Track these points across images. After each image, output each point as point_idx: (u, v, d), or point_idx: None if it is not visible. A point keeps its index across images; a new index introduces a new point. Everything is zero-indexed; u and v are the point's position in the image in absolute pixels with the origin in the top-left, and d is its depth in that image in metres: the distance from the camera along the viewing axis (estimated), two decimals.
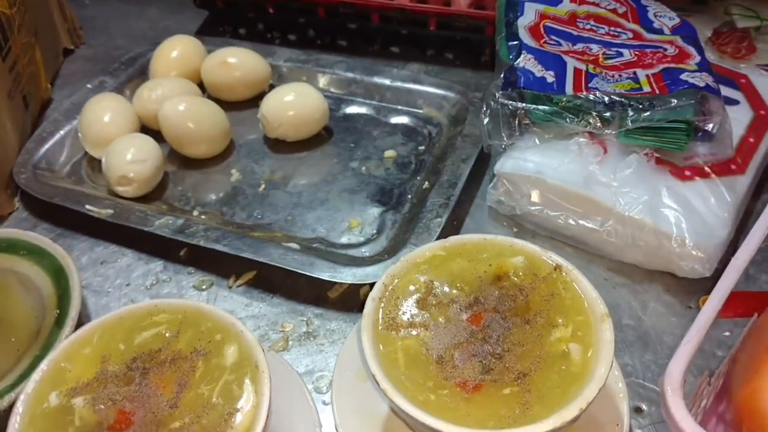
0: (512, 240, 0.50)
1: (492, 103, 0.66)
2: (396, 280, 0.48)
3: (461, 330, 0.45)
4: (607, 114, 0.62)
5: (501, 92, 0.66)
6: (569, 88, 0.65)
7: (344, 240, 0.64)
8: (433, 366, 0.43)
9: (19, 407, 0.42)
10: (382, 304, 0.47)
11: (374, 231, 0.65)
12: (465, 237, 0.50)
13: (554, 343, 0.44)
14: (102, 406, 0.42)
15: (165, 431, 0.41)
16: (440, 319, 0.45)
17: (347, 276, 0.58)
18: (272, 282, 0.62)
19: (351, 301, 0.60)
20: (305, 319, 0.59)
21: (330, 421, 0.49)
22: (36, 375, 0.44)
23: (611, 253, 0.61)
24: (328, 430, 0.50)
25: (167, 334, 0.46)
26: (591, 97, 0.63)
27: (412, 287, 0.47)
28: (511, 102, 0.65)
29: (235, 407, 0.42)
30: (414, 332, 0.45)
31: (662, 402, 0.39)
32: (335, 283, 0.60)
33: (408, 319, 0.46)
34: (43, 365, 0.44)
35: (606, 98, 0.63)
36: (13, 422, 0.42)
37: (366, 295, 0.58)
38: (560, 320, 0.45)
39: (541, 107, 0.64)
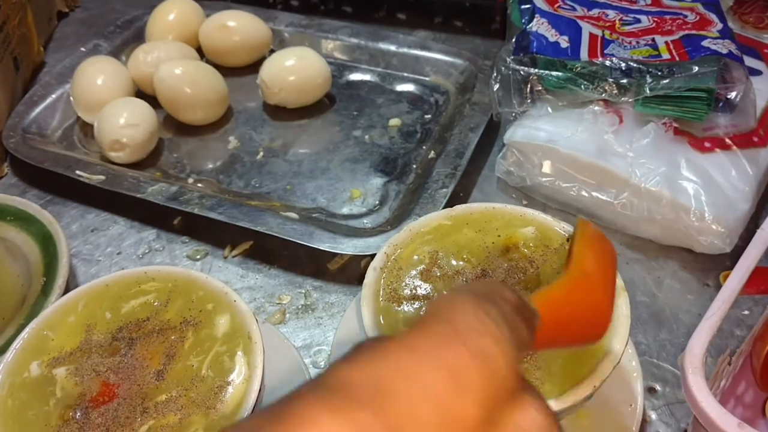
0: (522, 209, 0.47)
1: (503, 68, 0.62)
2: (399, 250, 0.45)
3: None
4: (624, 81, 0.59)
5: (512, 57, 0.62)
6: (584, 54, 0.62)
7: (345, 210, 0.62)
8: None
9: None
10: (384, 275, 0.44)
11: (377, 202, 0.62)
12: (472, 206, 0.47)
13: None
14: (85, 378, 0.40)
15: (151, 404, 0.39)
16: (445, 293, 0.43)
17: (348, 247, 0.55)
18: (269, 253, 0.59)
19: (351, 273, 0.57)
20: (303, 291, 0.56)
21: None
22: (17, 343, 0.42)
23: (625, 226, 0.58)
24: None
25: (156, 303, 0.43)
26: (607, 63, 0.60)
27: (415, 257, 0.45)
28: (522, 68, 0.62)
29: (226, 380, 0.39)
30: (417, 305, 0.42)
31: (682, 381, 0.37)
32: (335, 254, 0.57)
33: (410, 291, 0.43)
34: (25, 333, 0.42)
35: (623, 64, 0.59)
36: None
37: (364, 268, 0.56)
38: None
39: (554, 73, 0.61)
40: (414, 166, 0.65)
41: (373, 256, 0.45)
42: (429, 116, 0.70)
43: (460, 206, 0.48)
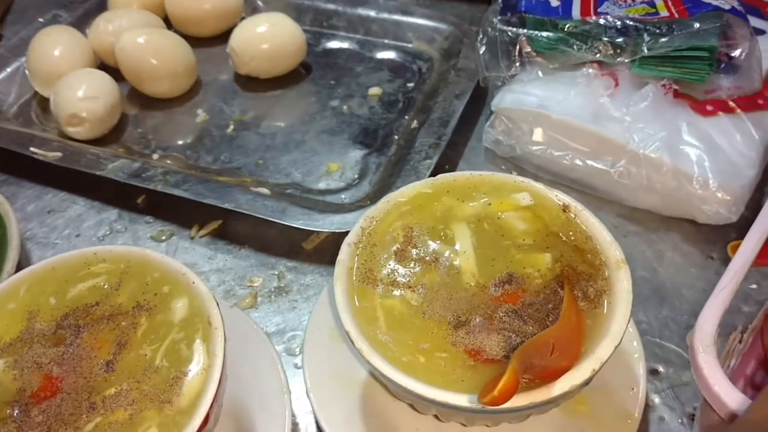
0: (513, 176, 0.43)
1: (489, 30, 0.58)
2: (374, 223, 0.41)
3: (452, 282, 0.38)
4: (620, 40, 0.55)
5: (499, 17, 0.58)
6: (576, 13, 0.58)
7: (322, 185, 0.57)
8: (434, 326, 0.36)
9: None
10: (359, 251, 0.40)
11: (356, 175, 0.58)
12: (456, 173, 0.43)
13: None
14: (25, 371, 0.36)
15: (98, 399, 0.35)
16: (428, 275, 0.38)
17: (324, 224, 0.51)
18: (240, 232, 0.55)
19: (329, 253, 0.53)
20: (276, 272, 0.52)
21: (302, 386, 0.43)
22: None
23: (623, 197, 0.54)
24: (299, 396, 0.43)
25: (106, 287, 0.39)
26: (601, 21, 0.56)
27: (391, 232, 0.40)
28: (510, 28, 0.57)
29: (183, 370, 0.35)
30: (394, 291, 0.38)
31: (692, 361, 0.33)
32: (311, 232, 0.53)
33: (387, 273, 0.39)
34: None
35: (618, 23, 0.55)
36: None
37: None
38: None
39: (544, 34, 0.57)
40: (396, 137, 0.60)
41: None
42: (411, 84, 0.66)
43: (444, 174, 0.43)
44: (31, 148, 0.58)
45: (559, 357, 0.33)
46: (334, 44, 0.71)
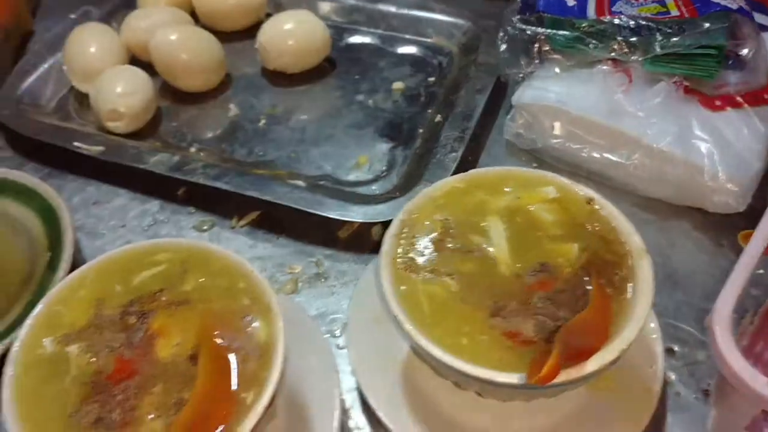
0: (540, 171, 0.46)
1: (509, 28, 0.61)
2: (414, 215, 0.44)
3: (488, 271, 0.41)
4: (633, 39, 0.58)
5: (518, 17, 0.61)
6: (591, 12, 0.61)
7: (352, 177, 0.61)
8: (473, 311, 0.39)
9: (13, 354, 0.39)
10: (400, 242, 0.43)
11: (384, 168, 0.61)
12: (488, 169, 0.47)
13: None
14: (99, 355, 0.39)
15: (172, 382, 0.38)
16: (465, 264, 0.42)
17: (358, 215, 0.54)
18: (278, 222, 0.58)
19: (362, 241, 0.56)
20: (314, 260, 0.55)
21: (344, 366, 0.46)
22: (30, 320, 0.40)
23: (637, 188, 0.57)
24: (344, 375, 0.47)
25: (170, 275, 0.42)
26: (615, 21, 0.59)
27: (428, 224, 0.44)
28: (529, 27, 0.60)
29: (247, 353, 0.39)
30: (434, 277, 0.41)
31: (711, 342, 0.36)
32: (345, 222, 0.56)
33: (427, 261, 0.42)
34: (37, 309, 0.41)
35: (631, 22, 0.58)
36: (8, 370, 0.38)
37: (377, 235, 0.55)
38: None
39: (561, 33, 0.60)
40: (420, 130, 0.64)
41: (382, 223, 0.44)
42: (432, 79, 0.69)
43: (475, 170, 0.47)
44: (75, 143, 0.61)
45: (590, 339, 0.37)
46: (356, 39, 0.74)
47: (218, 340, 0.39)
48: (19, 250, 0.55)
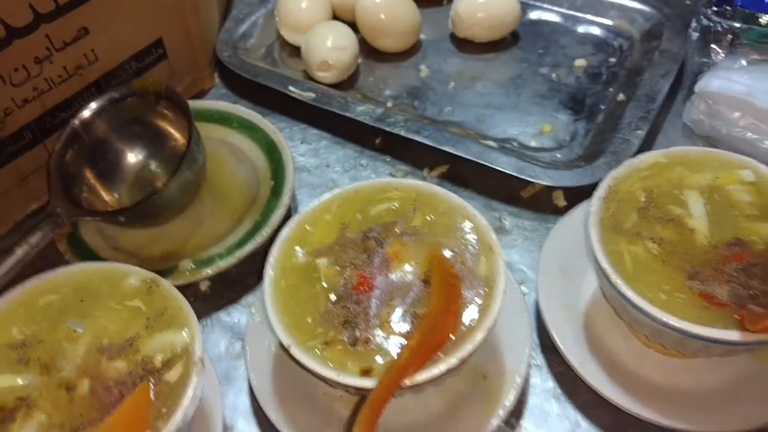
0: (738, 155, 0.50)
1: (702, 19, 0.64)
2: (618, 182, 0.49)
3: (687, 239, 0.46)
4: None
5: (714, 9, 0.64)
6: None
7: (535, 143, 0.66)
8: (673, 273, 0.44)
9: (272, 260, 0.47)
10: (607, 204, 0.48)
11: (567, 137, 0.66)
12: (689, 148, 0.51)
13: None
14: (345, 269, 0.46)
15: (405, 298, 0.44)
16: (666, 231, 0.47)
17: (545, 178, 0.59)
18: (464, 176, 0.64)
19: (543, 203, 0.62)
20: (498, 215, 0.61)
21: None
22: (284, 232, 0.48)
23: None
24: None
25: (402, 210, 0.49)
26: None
27: (635, 191, 0.49)
28: (723, 20, 0.63)
29: (471, 283, 0.45)
30: (642, 237, 0.46)
31: None
32: (528, 183, 0.61)
33: (630, 225, 0.47)
34: (290, 225, 0.48)
35: None
36: (268, 271, 0.46)
37: (558, 199, 0.60)
38: None
39: (756, 28, 0.62)
40: (602, 106, 0.68)
41: (563, 188, 0.48)
42: (614, 60, 0.73)
43: (677, 147, 0.51)
44: (290, 87, 0.68)
45: None
46: (538, 15, 0.79)
47: (448, 269, 0.45)
48: (241, 176, 0.63)
